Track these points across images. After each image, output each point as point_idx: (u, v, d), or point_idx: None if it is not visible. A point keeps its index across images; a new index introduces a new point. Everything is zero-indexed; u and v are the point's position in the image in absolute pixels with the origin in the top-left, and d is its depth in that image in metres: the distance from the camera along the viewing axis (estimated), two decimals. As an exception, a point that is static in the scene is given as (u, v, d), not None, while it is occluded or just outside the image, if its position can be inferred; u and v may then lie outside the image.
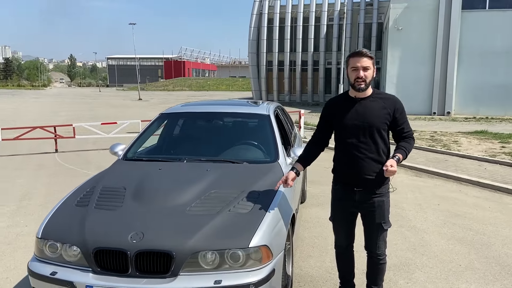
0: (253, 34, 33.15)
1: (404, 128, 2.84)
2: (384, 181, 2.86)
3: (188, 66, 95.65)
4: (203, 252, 2.49)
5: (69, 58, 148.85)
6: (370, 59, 2.70)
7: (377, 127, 2.75)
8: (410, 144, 2.86)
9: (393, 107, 2.79)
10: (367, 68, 2.70)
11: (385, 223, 2.94)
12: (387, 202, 2.92)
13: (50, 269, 2.56)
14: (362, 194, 2.85)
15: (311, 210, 5.57)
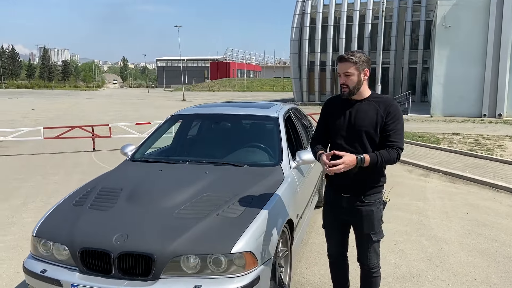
0: (295, 34, 32.98)
1: (390, 136, 2.57)
2: (374, 189, 2.69)
3: (233, 67, 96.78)
4: (185, 256, 2.48)
5: (122, 60, 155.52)
6: (352, 63, 2.55)
7: (367, 131, 2.60)
8: (389, 154, 2.55)
9: (386, 110, 2.60)
10: (347, 73, 2.57)
11: (375, 234, 2.75)
12: (378, 212, 2.72)
13: (41, 267, 2.65)
14: (349, 201, 2.71)
15: (329, 214, 5.43)
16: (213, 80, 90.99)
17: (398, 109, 2.62)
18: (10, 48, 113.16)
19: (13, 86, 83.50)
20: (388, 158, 2.55)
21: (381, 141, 2.62)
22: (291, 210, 3.31)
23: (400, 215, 5.42)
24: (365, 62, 2.60)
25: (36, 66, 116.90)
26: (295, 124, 4.58)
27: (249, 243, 2.59)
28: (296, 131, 4.55)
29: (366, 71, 2.61)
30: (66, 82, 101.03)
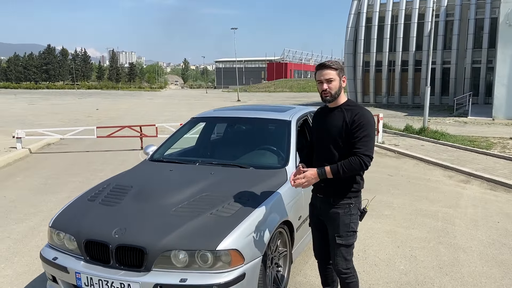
0: (350, 34, 32.43)
1: (354, 144, 2.63)
2: (343, 193, 2.76)
3: (290, 68, 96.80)
4: (175, 251, 2.70)
5: (183, 62, 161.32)
6: (333, 70, 2.68)
7: (334, 139, 2.71)
8: (350, 162, 2.61)
9: (351, 118, 2.67)
10: (330, 80, 2.68)
11: (340, 237, 2.78)
12: (345, 216, 2.77)
13: (53, 255, 2.99)
14: (322, 201, 2.85)
15: (350, 218, 5.43)
16: (270, 81, 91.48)
17: (364, 117, 2.66)
18: (82, 51, 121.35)
19: (84, 87, 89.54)
20: (349, 167, 2.61)
21: (348, 150, 2.68)
22: (290, 212, 3.43)
23: (425, 222, 5.31)
24: (342, 69, 2.75)
25: (105, 68, 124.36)
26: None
27: (236, 241, 2.76)
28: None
29: (344, 78, 2.76)
30: (131, 83, 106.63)
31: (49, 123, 17.80)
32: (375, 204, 6.02)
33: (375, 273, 3.89)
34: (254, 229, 2.92)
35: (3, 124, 16.77)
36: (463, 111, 24.45)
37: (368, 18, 32.13)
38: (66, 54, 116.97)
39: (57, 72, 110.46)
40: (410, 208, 5.92)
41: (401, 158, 9.92)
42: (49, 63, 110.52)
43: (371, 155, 2.64)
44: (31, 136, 10.89)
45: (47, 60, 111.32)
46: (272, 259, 3.28)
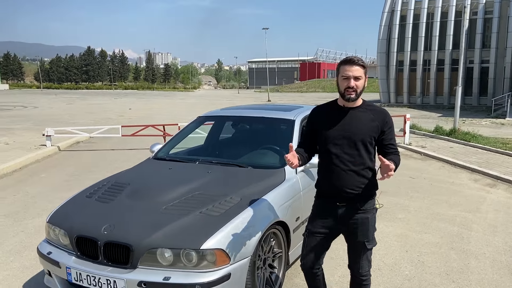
0: (383, 33, 31.73)
1: (392, 145, 2.69)
2: (369, 197, 2.68)
3: (323, 68, 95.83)
4: (161, 249, 2.70)
5: (217, 63, 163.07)
6: (362, 67, 2.54)
7: (363, 139, 2.59)
8: (399, 159, 2.69)
9: (383, 120, 2.63)
10: (358, 77, 2.53)
11: (369, 242, 2.74)
12: (372, 219, 2.73)
13: (48, 249, 3.07)
14: (345, 210, 2.66)
15: (360, 220, 5.29)
16: (303, 81, 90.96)
17: (391, 119, 2.71)
18: (120, 53, 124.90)
19: (121, 88, 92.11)
20: (398, 163, 2.67)
21: (382, 150, 2.67)
22: (286, 213, 3.37)
23: (440, 226, 5.10)
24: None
25: (141, 69, 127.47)
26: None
27: (221, 240, 2.74)
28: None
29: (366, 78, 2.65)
30: (166, 84, 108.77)
31: (82, 122, 18.40)
32: (389, 207, 5.85)
33: (377, 277, 3.77)
34: (242, 229, 2.89)
35: (40, 123, 17.48)
36: (501, 112, 23.40)
37: (402, 16, 31.33)
38: (105, 55, 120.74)
39: (96, 73, 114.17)
40: (426, 212, 5.70)
41: (426, 160, 9.59)
42: (89, 64, 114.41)
43: None
44: (60, 135, 11.29)
45: (87, 61, 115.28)
46: (265, 260, 3.24)
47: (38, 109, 27.39)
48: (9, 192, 6.72)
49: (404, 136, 11.66)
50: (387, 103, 31.90)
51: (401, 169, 8.26)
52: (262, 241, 3.12)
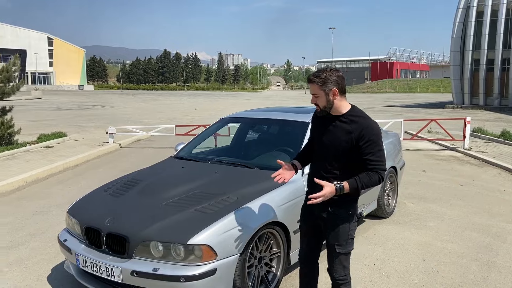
0: (457, 30, 29.87)
1: (369, 160, 2.53)
2: (342, 203, 2.66)
3: (396, 67, 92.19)
4: (154, 242, 2.93)
5: (286, 63, 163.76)
6: (315, 84, 2.55)
7: (336, 150, 2.61)
8: (369, 177, 2.53)
9: (359, 134, 2.53)
10: (315, 95, 2.59)
11: (340, 246, 2.72)
12: (345, 225, 2.70)
13: (65, 237, 3.45)
14: (320, 209, 2.73)
15: (385, 227, 5.18)
16: (373, 81, 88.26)
17: (373, 131, 2.54)
18: (193, 55, 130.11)
19: (193, 88, 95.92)
20: (369, 182, 2.55)
21: (360, 163, 2.58)
22: (285, 214, 3.42)
23: (471, 236, 4.84)
24: (331, 81, 2.54)
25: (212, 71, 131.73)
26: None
27: (209, 237, 2.90)
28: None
29: (335, 91, 2.55)
30: (235, 85, 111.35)
31: (148, 120, 19.55)
32: (421, 214, 5.65)
33: (383, 284, 3.71)
34: (233, 227, 3.03)
35: (111, 121, 18.88)
36: None
37: (479, 12, 29.27)
38: (180, 57, 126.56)
39: (171, 75, 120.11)
40: (462, 220, 5.41)
41: (483, 167, 8.99)
42: (165, 66, 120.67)
43: (385, 168, 2.61)
44: (122, 133, 12.16)
45: (163, 63, 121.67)
46: (261, 259, 3.35)
47: (113, 108, 29.52)
48: (67, 184, 7.44)
49: (463, 140, 11.01)
50: (460, 105, 30.04)
51: (451, 175, 8.01)
52: (257, 239, 3.24)
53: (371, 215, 5.35)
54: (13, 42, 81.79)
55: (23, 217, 5.54)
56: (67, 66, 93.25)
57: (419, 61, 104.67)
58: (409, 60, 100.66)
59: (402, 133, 11.86)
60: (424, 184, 7.37)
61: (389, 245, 4.58)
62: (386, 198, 5.51)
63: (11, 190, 6.94)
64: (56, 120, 19.63)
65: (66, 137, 12.27)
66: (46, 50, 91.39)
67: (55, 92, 66.48)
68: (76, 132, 14.46)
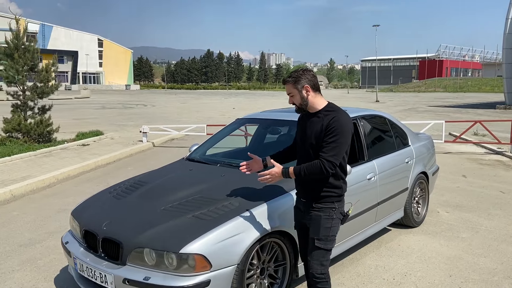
0: (509, 27, 28.01)
1: (322, 148, 2.63)
2: (324, 197, 2.74)
3: (445, 65, 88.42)
4: (147, 249, 2.80)
5: (329, 62, 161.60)
6: (289, 84, 2.74)
7: (311, 144, 2.73)
8: (312, 166, 2.64)
9: (326, 124, 2.66)
10: (290, 94, 2.77)
11: (319, 240, 2.74)
12: (326, 219, 2.75)
13: (67, 239, 3.40)
14: (305, 205, 2.84)
15: (412, 237, 4.81)
16: (421, 80, 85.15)
17: (337, 122, 2.63)
18: (236, 55, 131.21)
19: (235, 88, 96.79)
20: (310, 170, 2.64)
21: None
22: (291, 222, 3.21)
23: (507, 250, 4.41)
24: (302, 79, 2.71)
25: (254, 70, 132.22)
26: (359, 134, 4.26)
27: (203, 246, 2.74)
28: (358, 141, 4.24)
29: (307, 88, 2.72)
30: (277, 84, 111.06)
31: (186, 119, 19.79)
32: (454, 224, 5.22)
33: None
34: (231, 235, 2.87)
35: (150, 120, 19.28)
36: None
37: (535, 6, 27.31)
38: (222, 57, 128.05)
39: (214, 74, 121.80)
40: (499, 232, 4.94)
41: (529, 173, 8.27)
42: (208, 66, 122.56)
43: (335, 162, 2.62)
44: (156, 132, 12.31)
45: (206, 63, 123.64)
46: (264, 270, 3.15)
47: (155, 107, 30.21)
48: (94, 182, 7.56)
49: (511, 144, 10.23)
50: (513, 105, 28.20)
51: (493, 182, 7.45)
52: (259, 249, 3.05)
53: (398, 223, 5.01)
54: (66, 44, 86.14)
55: (46, 215, 5.65)
56: (116, 67, 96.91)
57: (471, 59, 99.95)
58: (460, 58, 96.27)
59: (444, 136, 11.22)
60: (462, 191, 6.86)
61: (413, 258, 4.24)
62: (415, 206, 5.14)
63: (42, 187, 7.14)
64: (98, 119, 20.28)
65: (103, 136, 12.59)
66: (96, 51, 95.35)
67: (103, 92, 69.20)
68: (114, 131, 14.83)
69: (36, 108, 10.51)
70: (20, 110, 10.22)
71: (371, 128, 4.57)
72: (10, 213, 5.78)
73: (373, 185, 4.17)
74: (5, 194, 6.37)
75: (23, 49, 9.98)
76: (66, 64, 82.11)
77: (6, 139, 9.88)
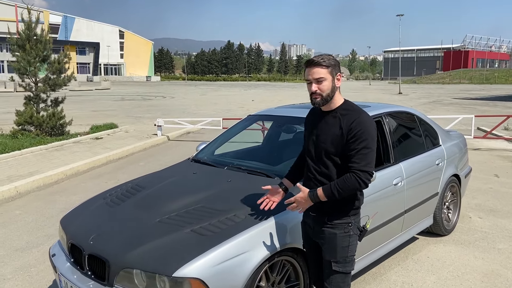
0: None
1: (350, 158, 2.24)
2: (338, 211, 2.36)
3: (471, 56, 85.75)
4: (137, 270, 2.41)
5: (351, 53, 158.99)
6: (323, 67, 2.28)
7: (327, 149, 2.34)
8: (345, 181, 2.23)
9: (348, 127, 2.26)
10: (320, 80, 2.29)
11: (337, 263, 2.38)
12: (343, 237, 2.36)
13: (55, 251, 3.02)
14: (315, 220, 2.46)
15: (442, 248, 4.32)
16: (446, 72, 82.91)
17: (362, 124, 2.25)
18: (256, 46, 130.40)
19: (255, 79, 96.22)
20: (344, 186, 2.23)
21: (344, 163, 2.29)
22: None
23: (554, 268, 3.86)
24: (336, 66, 2.34)
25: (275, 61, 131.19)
26: (385, 134, 3.79)
27: (201, 268, 2.36)
28: (384, 141, 3.77)
29: (339, 76, 2.36)
30: (297, 76, 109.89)
31: (204, 112, 19.47)
32: (489, 232, 4.70)
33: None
34: (234, 255, 2.47)
35: (168, 112, 19.05)
36: None
37: None
38: (243, 48, 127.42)
39: (234, 66, 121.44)
40: (542, 244, 4.40)
41: None
42: (228, 57, 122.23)
43: (370, 171, 2.24)
44: (171, 125, 12.01)
45: (226, 54, 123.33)
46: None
47: (173, 99, 30.03)
48: (104, 179, 7.28)
49: (547, 140, 9.50)
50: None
51: None
52: (268, 269, 2.64)
53: (427, 231, 4.53)
54: (88, 35, 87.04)
55: (49, 215, 5.37)
56: (136, 58, 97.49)
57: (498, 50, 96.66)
58: (487, 48, 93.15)
59: (473, 131, 10.54)
60: (495, 193, 6.29)
61: (444, 273, 3.76)
62: (446, 212, 4.64)
63: (49, 183, 6.89)
64: (116, 111, 20.17)
65: (117, 129, 12.36)
66: (117, 43, 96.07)
67: (124, 83, 69.68)
68: (131, 123, 14.62)
69: (49, 101, 10.30)
70: (33, 103, 10.04)
71: (398, 127, 4.09)
72: (13, 211, 5.53)
73: (400, 190, 3.70)
74: (10, 191, 6.13)
75: (35, 40, 9.77)
76: (88, 56, 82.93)
77: (18, 132, 9.72)
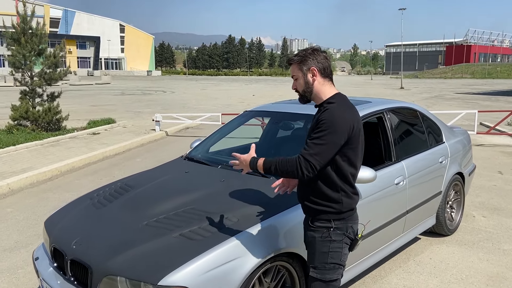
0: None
1: (305, 143, 2.10)
2: (319, 213, 2.20)
3: (474, 51, 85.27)
4: (121, 277, 2.26)
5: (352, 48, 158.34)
6: (295, 65, 2.20)
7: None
8: (287, 161, 2.08)
9: (317, 118, 2.15)
10: (294, 77, 2.24)
11: (315, 269, 2.22)
12: (322, 243, 2.20)
13: (38, 255, 2.88)
14: (304, 222, 2.37)
15: (445, 249, 4.16)
16: (448, 66, 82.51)
17: (329, 117, 2.07)
18: (258, 40, 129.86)
19: (256, 74, 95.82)
20: (283, 165, 2.09)
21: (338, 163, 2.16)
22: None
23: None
24: (310, 59, 2.17)
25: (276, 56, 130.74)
26: (386, 130, 3.63)
27: (188, 276, 2.20)
28: (385, 138, 3.61)
29: (314, 71, 2.17)
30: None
31: (204, 107, 19.30)
32: (495, 232, 4.55)
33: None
34: (225, 261, 2.31)
35: (168, 107, 18.90)
36: None
37: None
38: (244, 43, 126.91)
39: (235, 60, 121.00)
40: (549, 244, 4.25)
41: None
42: (229, 52, 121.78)
43: (314, 163, 2.04)
44: (170, 120, 11.85)
45: (227, 49, 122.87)
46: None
47: (174, 94, 29.85)
48: (99, 175, 7.13)
49: (552, 136, 9.33)
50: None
51: None
52: (261, 275, 2.50)
53: (429, 231, 4.37)
54: (89, 29, 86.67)
55: (40, 213, 5.22)
56: (137, 52, 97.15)
57: (501, 44, 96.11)
58: (489, 43, 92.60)
59: (476, 126, 10.36)
60: (499, 190, 6.13)
61: (448, 276, 3.61)
62: (449, 211, 4.49)
63: (42, 180, 6.75)
64: (116, 105, 20.01)
65: (115, 124, 12.20)
66: (118, 37, 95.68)
67: (124, 78, 69.46)
68: (130, 118, 14.47)
69: (45, 95, 10.14)
70: (28, 97, 9.88)
71: (400, 123, 3.92)
72: (4, 209, 5.40)
73: (402, 190, 3.55)
74: (1, 188, 6.00)
75: (31, 33, 9.59)
76: (89, 50, 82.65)
77: (14, 127, 9.57)
